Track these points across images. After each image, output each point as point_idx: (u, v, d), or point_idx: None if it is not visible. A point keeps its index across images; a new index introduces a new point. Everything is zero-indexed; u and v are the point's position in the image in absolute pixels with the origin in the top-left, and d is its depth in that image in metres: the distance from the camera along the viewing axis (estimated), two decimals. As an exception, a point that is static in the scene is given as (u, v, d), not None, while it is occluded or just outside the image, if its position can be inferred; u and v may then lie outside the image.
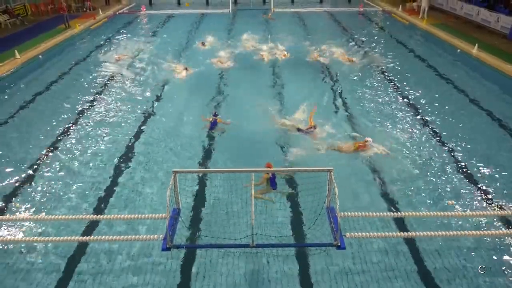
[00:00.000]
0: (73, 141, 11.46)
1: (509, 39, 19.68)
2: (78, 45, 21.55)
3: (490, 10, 21.62)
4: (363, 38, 21.72)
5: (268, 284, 6.88)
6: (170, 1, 33.43)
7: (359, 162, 10.17)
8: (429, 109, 13.22)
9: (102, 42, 21.76)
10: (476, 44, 18.36)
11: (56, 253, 7.51)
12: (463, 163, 10.16)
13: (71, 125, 12.37)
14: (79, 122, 12.54)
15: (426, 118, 12.63)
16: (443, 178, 9.55)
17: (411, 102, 13.82)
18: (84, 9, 29.47)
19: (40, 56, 19.09)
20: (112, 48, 20.57)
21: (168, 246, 6.00)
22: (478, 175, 9.70)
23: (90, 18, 26.46)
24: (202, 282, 6.89)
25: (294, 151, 10.45)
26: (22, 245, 7.64)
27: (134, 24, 26.24)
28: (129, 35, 23.29)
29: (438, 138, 11.38)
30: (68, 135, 11.78)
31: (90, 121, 12.60)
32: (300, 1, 33.43)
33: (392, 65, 17.62)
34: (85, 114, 13.11)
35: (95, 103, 13.85)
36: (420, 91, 14.68)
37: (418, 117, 12.71)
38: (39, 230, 8.05)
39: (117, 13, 29.41)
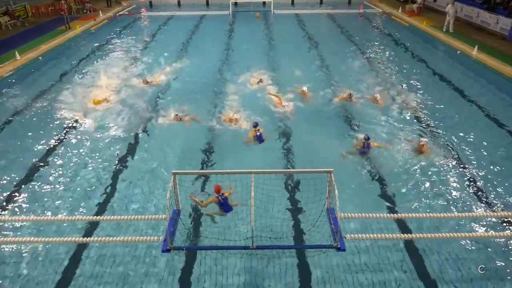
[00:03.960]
0: (74, 141, 11.46)
1: (508, 41, 19.70)
2: (79, 47, 21.54)
3: (489, 12, 21.63)
4: (367, 43, 21.52)
5: (268, 285, 6.87)
6: (170, 3, 33.46)
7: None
8: (428, 110, 13.23)
9: (102, 44, 21.77)
10: (476, 46, 18.38)
11: (57, 254, 7.51)
12: (462, 163, 10.17)
13: (72, 125, 12.38)
14: (80, 122, 12.54)
15: (425, 118, 12.65)
16: (443, 179, 9.55)
17: (410, 103, 13.82)
18: (85, 11, 29.50)
19: (40, 58, 19.09)
20: (113, 51, 20.61)
21: (168, 247, 5.99)
22: (477, 176, 9.70)
23: (90, 20, 26.48)
24: (202, 284, 6.88)
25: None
26: (23, 246, 7.64)
27: (134, 26, 26.23)
28: (128, 38, 23.30)
29: (438, 138, 11.38)
30: (69, 135, 11.77)
31: (91, 121, 12.58)
32: (300, 2, 33.40)
33: (391, 66, 17.66)
34: (86, 114, 13.09)
35: (95, 104, 13.79)
36: (419, 92, 14.70)
37: (418, 117, 12.72)
38: (40, 231, 8.06)
39: (118, 15, 29.43)
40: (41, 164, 10.42)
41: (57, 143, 11.41)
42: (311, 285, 6.88)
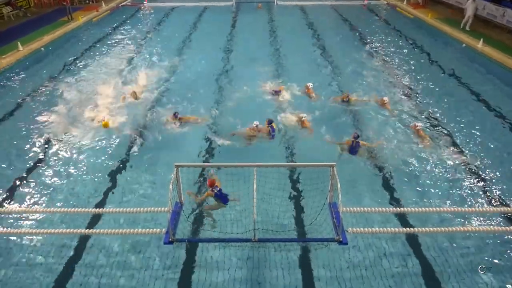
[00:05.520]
0: (75, 136, 11.45)
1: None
2: (81, 38, 21.46)
3: (496, 4, 21.33)
4: (371, 36, 21.27)
5: (269, 278, 6.90)
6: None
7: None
8: (432, 103, 13.17)
9: (104, 36, 21.65)
10: (481, 39, 18.18)
11: (59, 245, 7.57)
12: (465, 157, 10.13)
13: (73, 119, 12.33)
14: (83, 114, 12.50)
15: (429, 112, 12.58)
16: (446, 174, 9.52)
17: (414, 96, 13.74)
18: (87, 1, 29.33)
19: (43, 49, 19.06)
20: (115, 43, 20.54)
21: (170, 239, 6.02)
22: (480, 169, 9.67)
23: (92, 11, 26.33)
24: (204, 276, 6.92)
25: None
26: (25, 237, 7.70)
27: (137, 18, 26.08)
28: (131, 29, 23.17)
29: (441, 132, 11.33)
30: (70, 129, 11.75)
31: (92, 116, 12.46)
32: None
33: (397, 59, 17.53)
34: (87, 107, 13.04)
35: (97, 96, 13.75)
36: (423, 85, 14.64)
37: (420, 111, 12.64)
38: (42, 223, 8.10)
39: (120, 5, 29.24)
40: (41, 158, 10.44)
41: (58, 137, 11.39)
42: (313, 278, 6.90)
